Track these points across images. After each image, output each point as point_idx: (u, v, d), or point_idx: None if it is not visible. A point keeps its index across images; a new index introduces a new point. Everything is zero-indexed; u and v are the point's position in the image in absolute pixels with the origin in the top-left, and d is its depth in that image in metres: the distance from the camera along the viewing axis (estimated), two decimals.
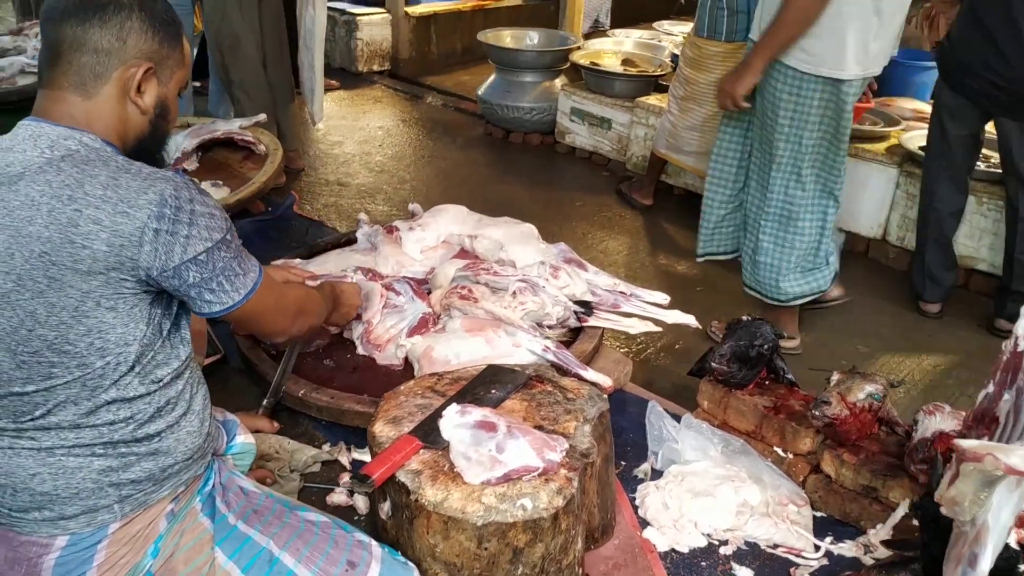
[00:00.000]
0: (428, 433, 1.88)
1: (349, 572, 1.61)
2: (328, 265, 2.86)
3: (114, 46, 1.45)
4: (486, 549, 1.73)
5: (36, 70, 4.28)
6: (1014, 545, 1.78)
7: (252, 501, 1.68)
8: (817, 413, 2.23)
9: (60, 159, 1.39)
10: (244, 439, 1.89)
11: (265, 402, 2.37)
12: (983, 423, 1.76)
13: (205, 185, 3.52)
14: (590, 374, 2.31)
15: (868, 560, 2.12)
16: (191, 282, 1.45)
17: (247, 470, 1.91)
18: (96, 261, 1.36)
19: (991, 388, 1.77)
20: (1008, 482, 1.45)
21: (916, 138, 3.95)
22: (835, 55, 2.74)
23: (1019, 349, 1.67)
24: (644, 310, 2.69)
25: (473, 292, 2.51)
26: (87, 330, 1.39)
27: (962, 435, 1.88)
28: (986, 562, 1.49)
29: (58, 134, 1.42)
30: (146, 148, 1.56)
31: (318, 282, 2.41)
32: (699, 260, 3.49)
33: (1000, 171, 3.55)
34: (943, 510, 1.57)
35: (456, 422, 1.86)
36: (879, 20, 2.74)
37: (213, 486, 1.65)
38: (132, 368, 1.45)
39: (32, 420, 1.42)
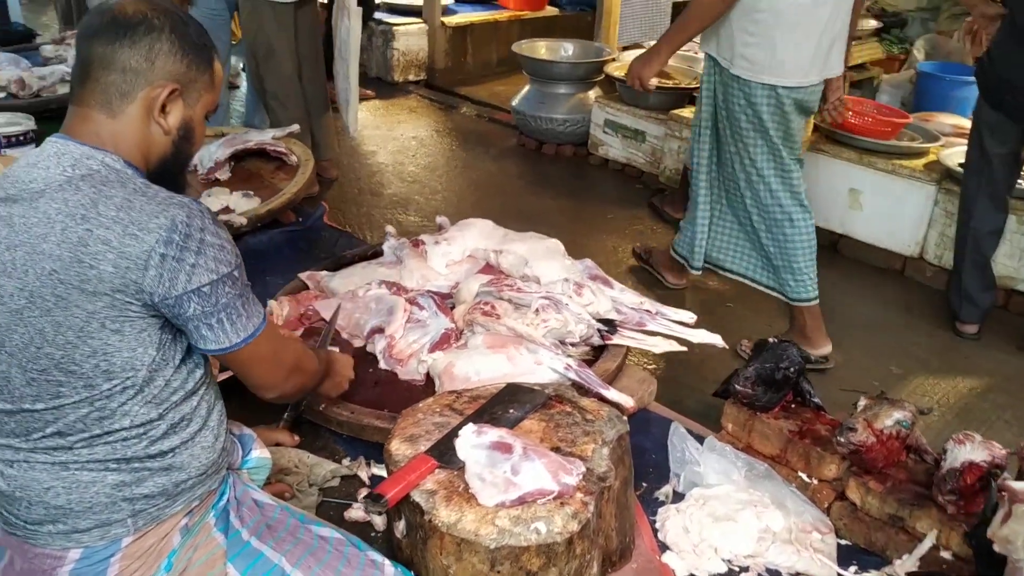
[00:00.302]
0: (444, 453, 1.87)
1: None
2: (354, 278, 2.86)
3: (142, 66, 1.46)
4: (499, 572, 1.72)
5: None
6: None
7: (266, 515, 1.68)
8: (843, 439, 2.18)
9: (80, 178, 1.39)
10: (260, 453, 1.89)
11: (285, 415, 2.38)
12: None
13: (236, 196, 3.55)
14: (612, 394, 2.29)
15: None
16: (190, 314, 1.43)
17: (263, 484, 1.91)
18: (102, 282, 1.36)
19: None
20: None
21: (955, 155, 3.87)
22: (771, 63, 2.88)
23: None
24: (670, 329, 2.65)
25: (496, 308, 2.50)
26: (92, 351, 1.39)
27: (1018, 463, 1.81)
28: None
29: (82, 153, 1.42)
30: (168, 169, 1.56)
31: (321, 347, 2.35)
32: (696, 272, 3.51)
33: None
34: (996, 547, 1.54)
35: (472, 442, 1.85)
36: (816, 29, 2.85)
37: (227, 501, 1.65)
38: (141, 391, 1.45)
39: (44, 436, 1.43)
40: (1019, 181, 3.53)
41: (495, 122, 6.00)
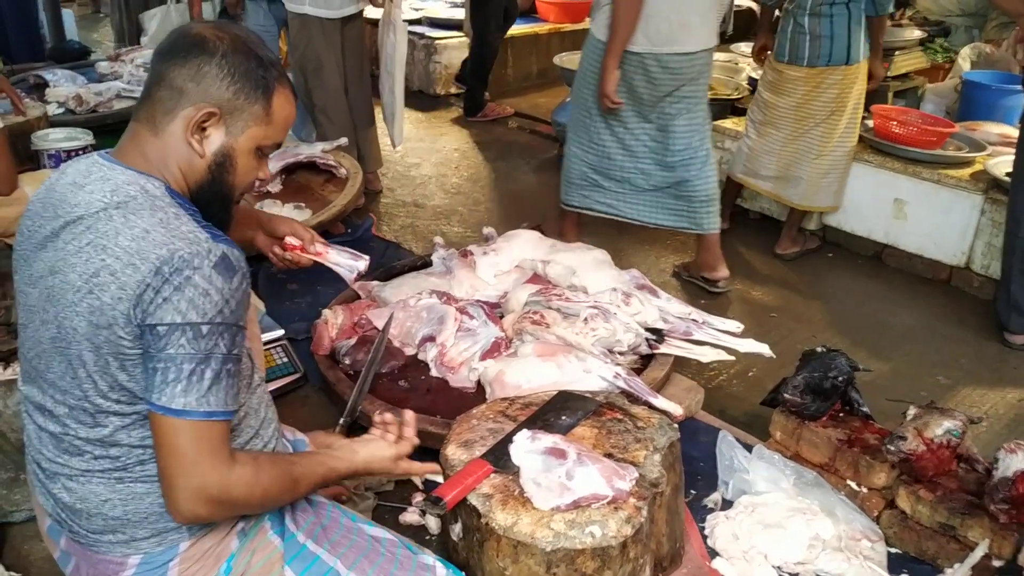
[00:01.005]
0: (499, 458, 1.92)
1: None
2: (404, 288, 2.93)
3: (187, 86, 1.44)
4: (554, 574, 1.76)
5: (131, 94, 4.50)
6: None
7: (320, 516, 1.71)
8: (893, 448, 2.19)
9: (115, 206, 1.38)
10: None
11: (342, 421, 2.43)
12: None
13: (287, 208, 3.63)
14: (660, 402, 2.32)
15: None
16: (143, 348, 1.35)
17: None
18: (103, 314, 1.34)
19: None
20: None
21: (1002, 164, 3.84)
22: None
23: None
24: (717, 338, 2.68)
25: (545, 317, 2.54)
26: (111, 385, 1.39)
27: None
28: None
29: (125, 179, 1.42)
30: (207, 198, 1.51)
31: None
32: (566, 207, 3.92)
33: None
34: None
35: (527, 448, 1.89)
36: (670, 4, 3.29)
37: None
38: None
39: (95, 458, 1.46)
40: None
41: (536, 134, 6.06)
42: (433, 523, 2.25)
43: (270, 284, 3.50)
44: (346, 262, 2.16)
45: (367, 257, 2.14)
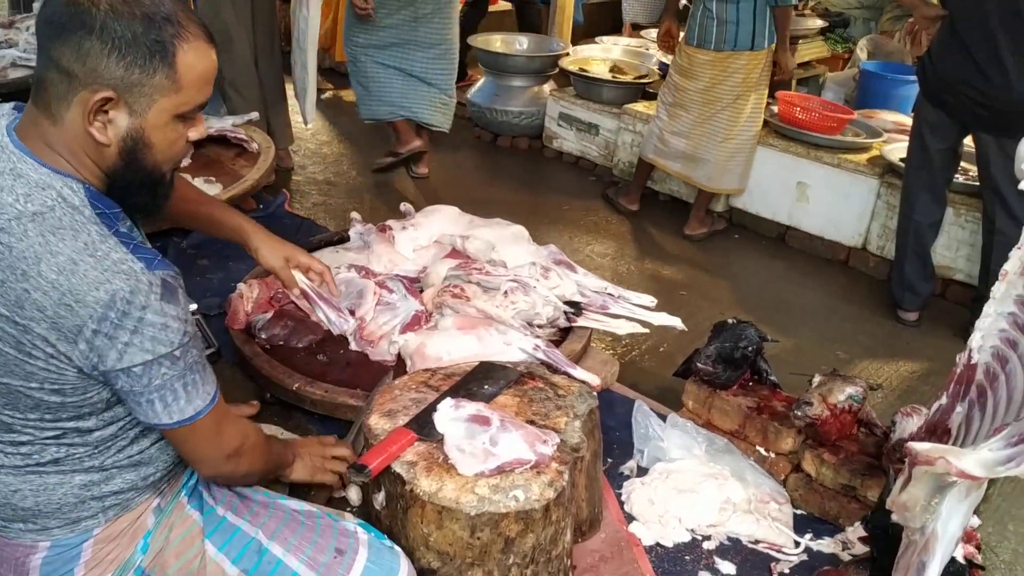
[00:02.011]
0: (423, 426, 1.93)
1: (338, 559, 1.62)
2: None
3: (73, 67, 1.25)
4: (478, 538, 1.78)
5: (27, 63, 4.30)
6: (960, 559, 1.84)
7: (238, 491, 1.70)
8: (799, 413, 2.30)
9: (30, 217, 1.26)
10: None
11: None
12: (936, 434, 1.82)
13: (198, 182, 3.54)
14: (579, 373, 2.36)
15: (846, 556, 2.19)
16: (119, 388, 1.35)
17: None
18: (35, 347, 1.28)
19: (944, 400, 1.81)
20: (958, 491, 1.51)
21: (897, 150, 4.04)
22: None
23: (972, 362, 1.72)
24: (632, 312, 2.74)
25: (465, 291, 2.56)
26: (35, 404, 1.35)
27: None
28: (934, 571, 1.54)
29: (38, 180, 1.28)
30: (129, 185, 1.37)
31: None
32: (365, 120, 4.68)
33: (972, 184, 3.65)
34: (894, 517, 1.62)
35: (451, 416, 1.91)
36: None
37: (198, 480, 1.66)
38: (100, 416, 1.42)
39: (6, 455, 1.42)
40: (957, 175, 3.70)
41: None
42: (354, 494, 2.24)
43: (181, 259, 3.42)
44: (336, 319, 2.25)
45: (353, 321, 2.15)
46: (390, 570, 1.65)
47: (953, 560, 1.82)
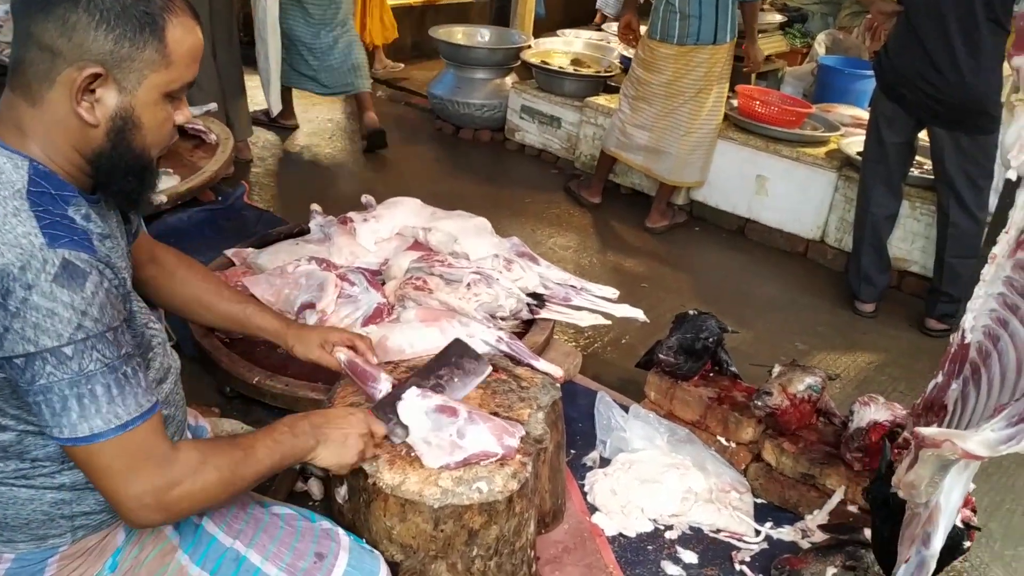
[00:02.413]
0: (386, 414, 1.87)
1: (317, 564, 1.55)
2: (281, 255, 2.86)
3: (58, 43, 1.19)
4: (442, 531, 1.77)
5: None
6: (958, 523, 1.89)
7: None
8: (760, 403, 2.32)
9: None
10: None
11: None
12: (932, 411, 1.86)
13: None
14: (542, 364, 2.36)
15: (805, 544, 2.22)
16: (8, 379, 1.20)
17: None
18: None
19: (940, 378, 1.86)
20: (959, 464, 1.55)
21: (855, 143, 4.10)
22: None
23: (965, 341, 1.77)
24: (594, 304, 2.75)
25: (428, 283, 2.55)
26: None
27: (913, 423, 1.96)
28: (939, 541, 1.58)
29: None
30: (115, 168, 1.29)
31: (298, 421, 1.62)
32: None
33: (927, 177, 3.71)
34: (900, 494, 1.66)
35: (417, 406, 1.88)
36: None
37: None
38: (63, 463, 1.32)
39: None
40: (912, 169, 3.76)
41: (411, 106, 6.02)
42: (316, 488, 2.23)
43: None
44: (373, 388, 2.01)
45: (390, 378, 2.01)
46: (370, 574, 1.60)
47: (953, 525, 1.86)
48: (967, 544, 1.89)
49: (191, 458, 1.30)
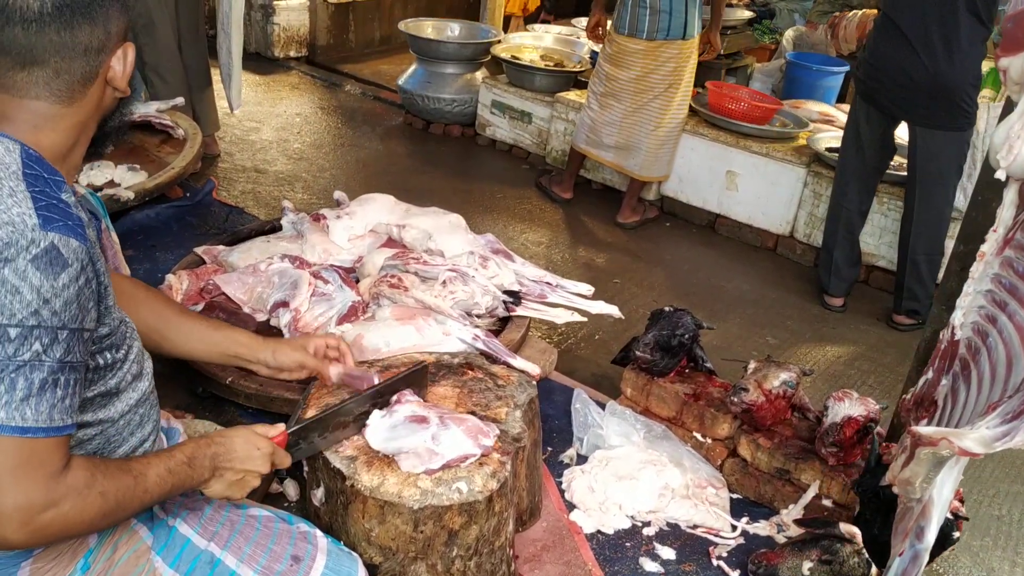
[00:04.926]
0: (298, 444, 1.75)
1: (294, 567, 1.53)
2: (253, 252, 2.83)
3: (100, 40, 1.31)
4: (422, 532, 1.77)
5: None
6: (948, 514, 1.91)
7: (191, 497, 1.58)
8: (736, 399, 2.33)
9: None
10: None
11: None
12: (923, 406, 1.88)
13: (121, 169, 3.42)
14: (519, 362, 2.36)
15: (781, 538, 2.24)
16: None
17: None
18: None
19: (930, 374, 1.89)
20: (951, 461, 1.57)
21: (823, 139, 4.13)
22: None
23: (955, 338, 1.79)
24: (570, 300, 2.75)
25: (403, 281, 2.53)
26: None
27: (903, 418, 1.99)
28: (932, 534, 1.61)
29: None
30: (121, 108, 1.42)
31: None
32: None
33: (899, 174, 3.75)
34: (895, 490, 1.68)
35: (384, 427, 1.84)
36: None
37: None
38: None
39: None
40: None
41: (380, 100, 5.97)
42: (292, 490, 2.21)
43: None
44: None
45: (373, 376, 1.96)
46: None
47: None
48: (956, 535, 1.92)
49: (78, 479, 1.22)
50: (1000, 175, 1.57)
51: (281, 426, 1.65)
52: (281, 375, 1.88)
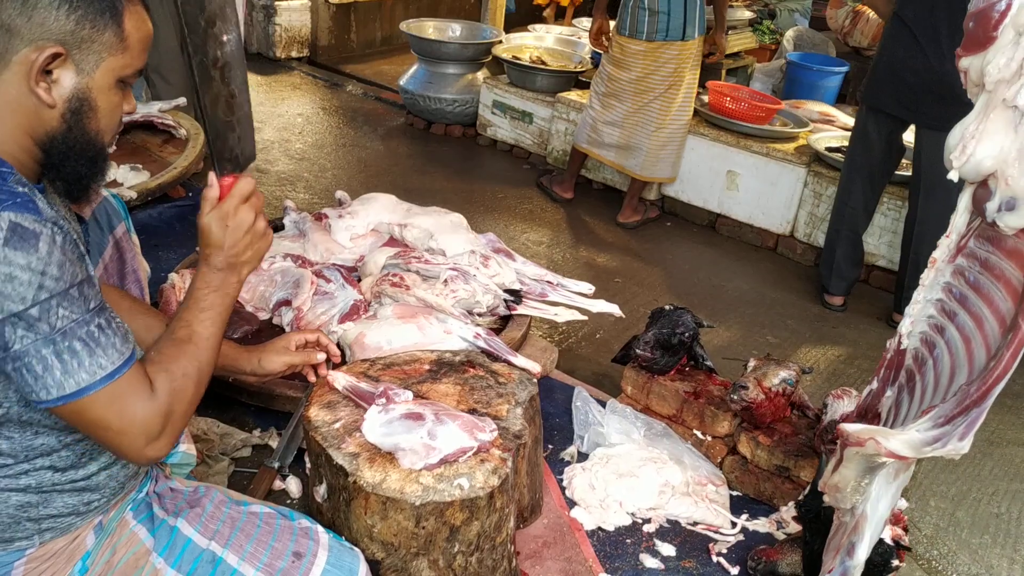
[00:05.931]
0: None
1: (295, 564, 1.52)
2: None
3: (16, 22, 1.19)
4: (424, 528, 1.78)
5: None
6: (888, 541, 1.91)
7: (192, 496, 1.59)
8: (736, 397, 2.34)
9: None
10: (186, 448, 1.81)
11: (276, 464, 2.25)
12: (866, 418, 1.86)
13: (123, 169, 3.43)
14: (520, 360, 2.37)
15: (781, 535, 2.25)
16: None
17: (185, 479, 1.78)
18: None
19: (875, 384, 1.85)
20: (887, 473, 1.55)
21: (823, 139, 4.14)
22: None
23: (901, 347, 1.75)
24: (570, 299, 2.76)
25: (404, 279, 2.54)
26: None
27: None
28: (863, 551, 1.58)
29: None
30: (69, 152, 1.28)
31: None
32: None
33: (902, 174, 3.76)
34: (826, 499, 1.66)
35: (380, 423, 1.87)
36: None
37: (147, 494, 1.55)
38: (12, 420, 1.28)
39: None
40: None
41: (382, 101, 5.99)
42: (294, 486, 2.22)
43: None
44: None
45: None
46: (350, 572, 1.57)
47: (881, 541, 1.88)
48: (896, 563, 1.91)
49: (164, 384, 1.30)
50: (953, 176, 1.54)
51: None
52: (268, 378, 1.88)
